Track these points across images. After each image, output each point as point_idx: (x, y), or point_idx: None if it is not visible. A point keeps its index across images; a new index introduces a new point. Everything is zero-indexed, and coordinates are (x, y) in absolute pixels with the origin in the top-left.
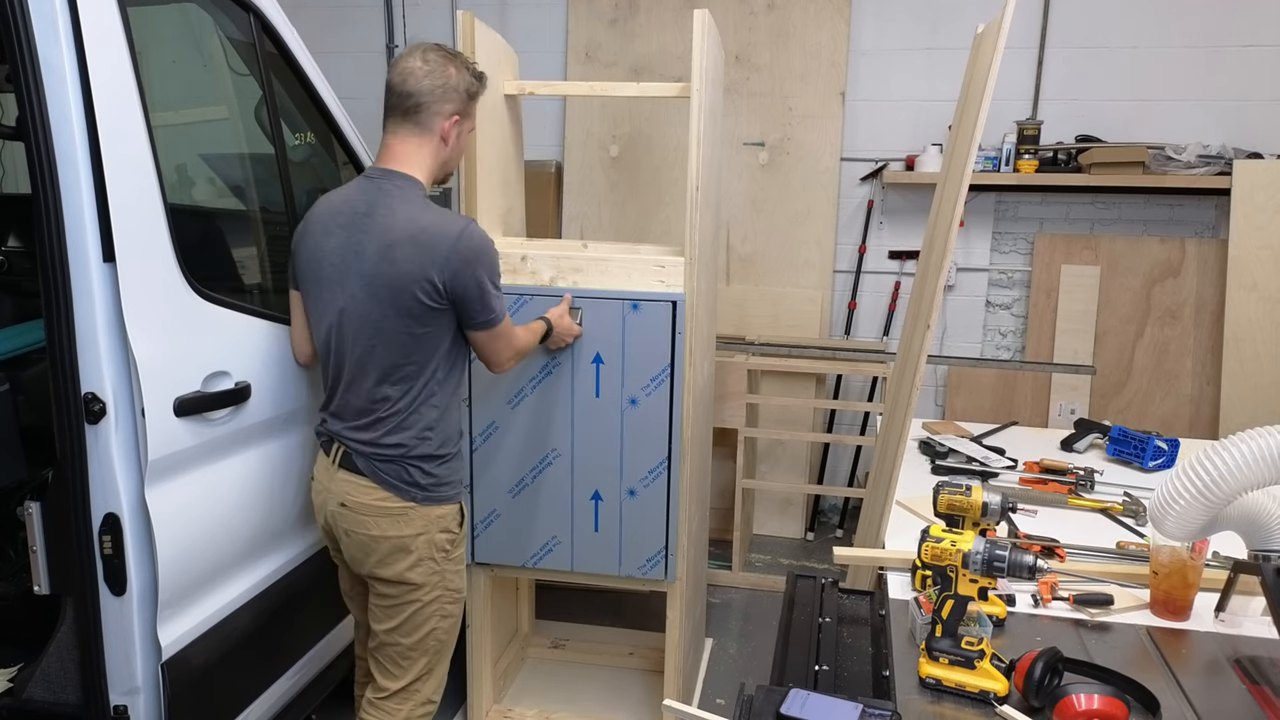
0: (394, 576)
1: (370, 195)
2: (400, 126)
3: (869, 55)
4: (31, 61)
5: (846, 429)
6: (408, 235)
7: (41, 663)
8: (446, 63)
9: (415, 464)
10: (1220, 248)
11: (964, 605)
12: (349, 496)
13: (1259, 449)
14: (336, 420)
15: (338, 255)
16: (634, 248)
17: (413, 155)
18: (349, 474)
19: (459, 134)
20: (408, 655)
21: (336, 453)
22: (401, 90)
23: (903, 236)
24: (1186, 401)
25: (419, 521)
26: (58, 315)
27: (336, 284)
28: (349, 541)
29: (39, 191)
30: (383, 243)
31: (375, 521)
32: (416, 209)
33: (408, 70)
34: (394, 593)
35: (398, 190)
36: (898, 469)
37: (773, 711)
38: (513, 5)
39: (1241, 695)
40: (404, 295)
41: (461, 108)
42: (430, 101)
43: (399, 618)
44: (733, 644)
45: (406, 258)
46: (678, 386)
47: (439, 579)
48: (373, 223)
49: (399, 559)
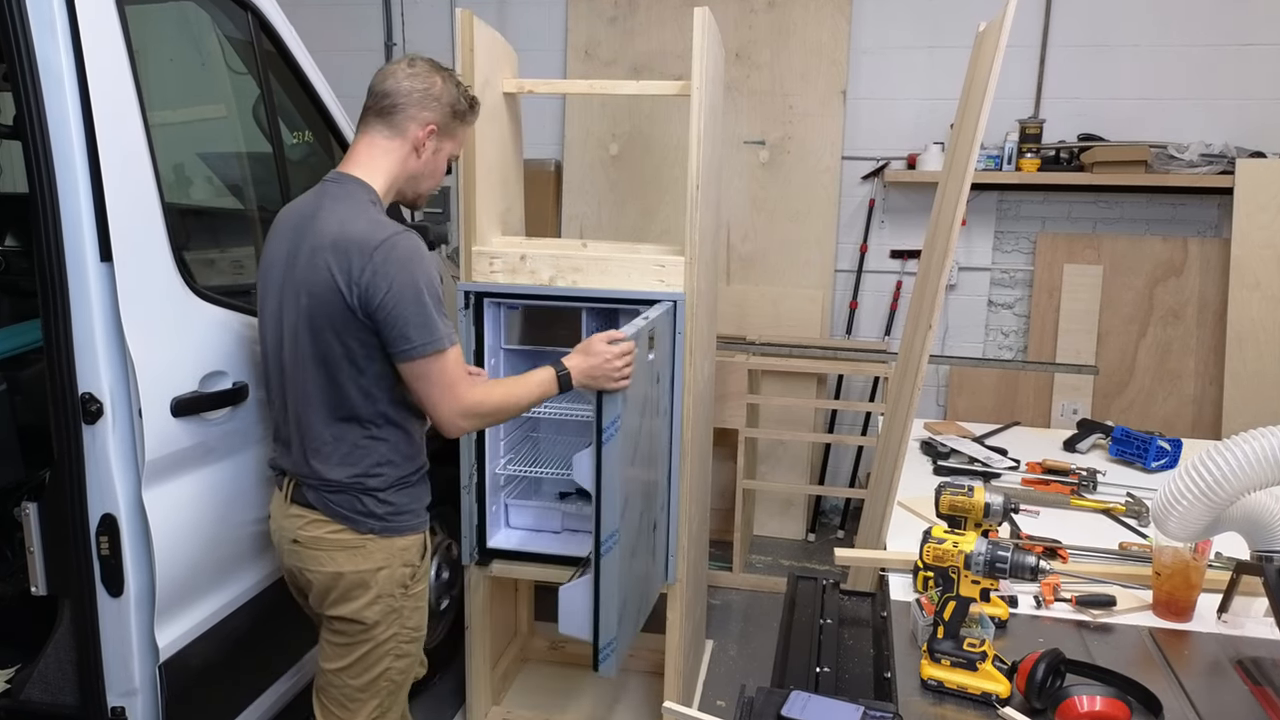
0: (350, 614)
1: (319, 199)
2: (370, 127)
3: (870, 53)
4: (29, 60)
5: (847, 429)
6: (331, 240)
7: (39, 664)
8: (433, 72)
9: (370, 494)
10: (1223, 247)
11: (966, 607)
12: (301, 532)
13: (1262, 449)
14: (284, 450)
15: (281, 265)
16: (634, 247)
17: (376, 159)
18: (300, 508)
19: (435, 150)
20: (356, 698)
21: (288, 486)
22: (379, 90)
23: (904, 236)
24: (1189, 402)
25: (379, 555)
26: (55, 315)
27: (278, 297)
28: (302, 580)
29: (36, 191)
30: (311, 247)
31: (331, 556)
32: (351, 213)
33: (389, 72)
34: (347, 630)
35: (343, 193)
36: (899, 469)
37: (773, 713)
38: (512, 3)
39: (1244, 696)
40: (332, 311)
41: (441, 120)
42: (406, 104)
43: (349, 657)
44: (733, 646)
45: (327, 264)
46: (678, 386)
47: (396, 617)
48: (310, 227)
49: (357, 595)
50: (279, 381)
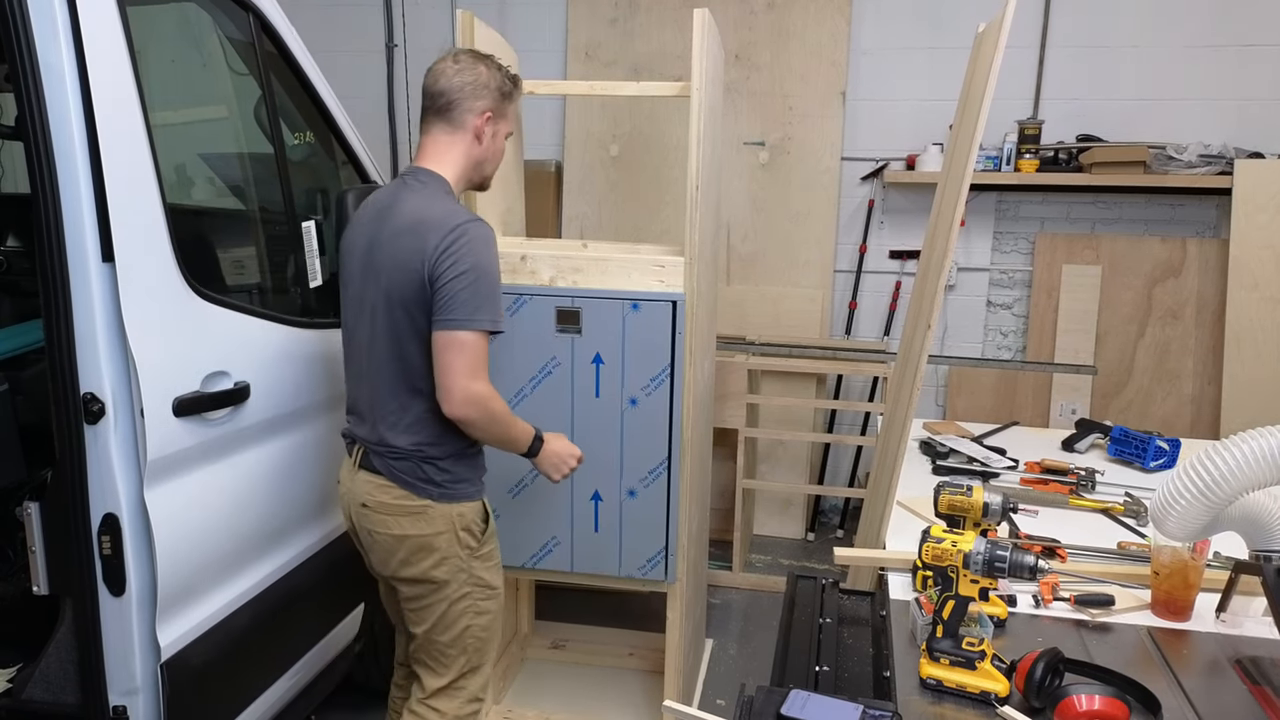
0: (418, 575)
1: (397, 190)
2: (433, 126)
3: (870, 54)
4: (31, 61)
5: (847, 429)
6: (410, 224)
7: (40, 663)
8: (477, 61)
9: (430, 461)
10: (1221, 247)
11: (965, 606)
12: (369, 496)
13: (1260, 449)
14: (356, 420)
15: (362, 251)
16: (634, 247)
17: (443, 153)
18: (369, 474)
19: (494, 133)
20: (446, 653)
21: (357, 453)
22: (433, 90)
23: (903, 236)
24: (1188, 401)
25: (439, 520)
26: (57, 315)
27: (360, 281)
28: (373, 542)
29: (38, 191)
30: (390, 232)
31: (397, 521)
32: (427, 200)
33: (439, 71)
34: (420, 592)
35: (419, 184)
36: (898, 469)
37: (773, 712)
38: (512, 4)
39: (1242, 696)
40: (407, 288)
41: (495, 105)
42: (461, 98)
43: (432, 617)
44: (733, 645)
45: (405, 246)
46: (678, 386)
47: (466, 576)
48: (389, 214)
49: (422, 558)
50: (357, 357)
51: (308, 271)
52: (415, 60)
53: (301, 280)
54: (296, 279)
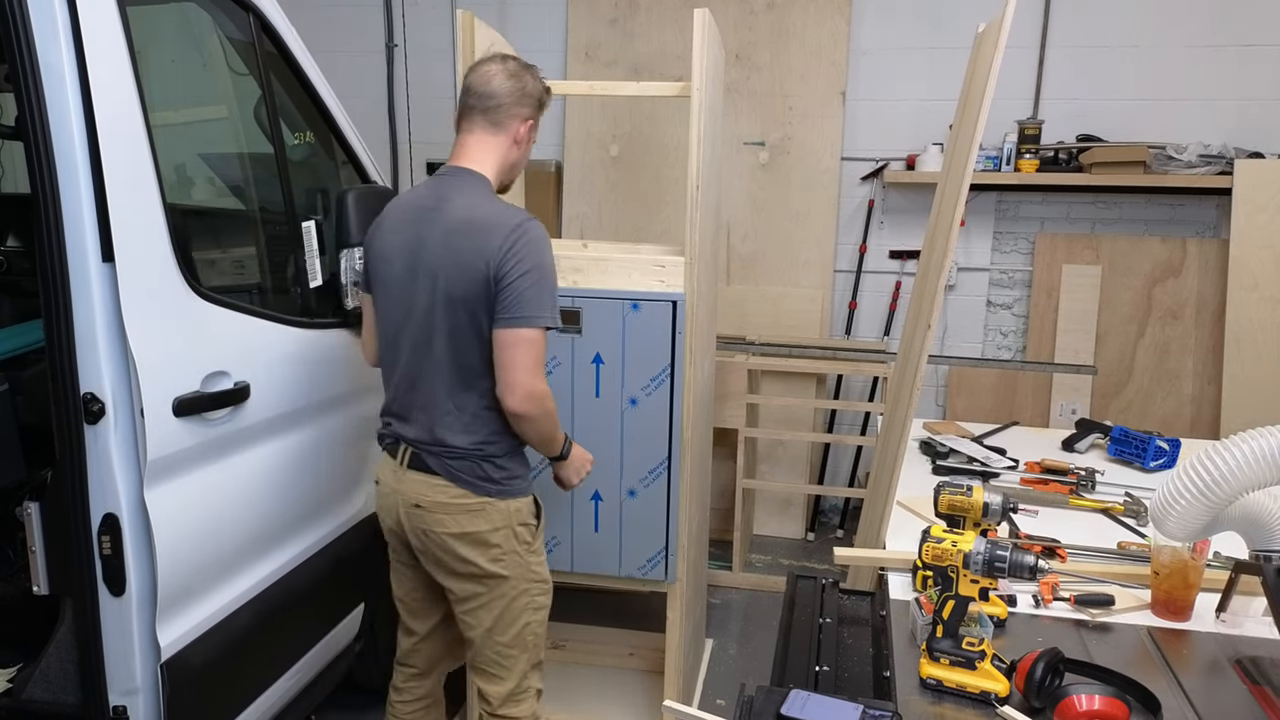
0: (477, 572)
1: (439, 190)
2: (476, 125)
3: (869, 54)
4: (31, 61)
5: (847, 429)
6: (466, 223)
7: (41, 663)
8: (523, 70)
9: (489, 460)
10: (1221, 247)
11: (965, 606)
12: (423, 496)
13: (1260, 449)
14: (402, 423)
15: (405, 251)
16: (634, 247)
17: (485, 154)
18: (421, 474)
19: (529, 140)
20: (508, 654)
21: (404, 454)
22: (484, 91)
23: (903, 236)
24: (1188, 402)
25: (498, 516)
26: (57, 315)
27: (406, 282)
28: (429, 542)
29: (38, 191)
30: (444, 232)
31: (454, 519)
32: (477, 200)
33: (489, 73)
34: (478, 590)
35: (464, 184)
36: (898, 469)
37: (773, 712)
38: (512, 4)
39: (1242, 696)
40: (470, 287)
41: (534, 114)
42: (510, 104)
43: (490, 617)
44: (733, 645)
45: (464, 247)
46: (678, 386)
47: (524, 570)
48: (437, 215)
49: (480, 554)
50: (402, 358)
51: (308, 271)
52: (415, 60)
53: (301, 280)
54: (296, 279)
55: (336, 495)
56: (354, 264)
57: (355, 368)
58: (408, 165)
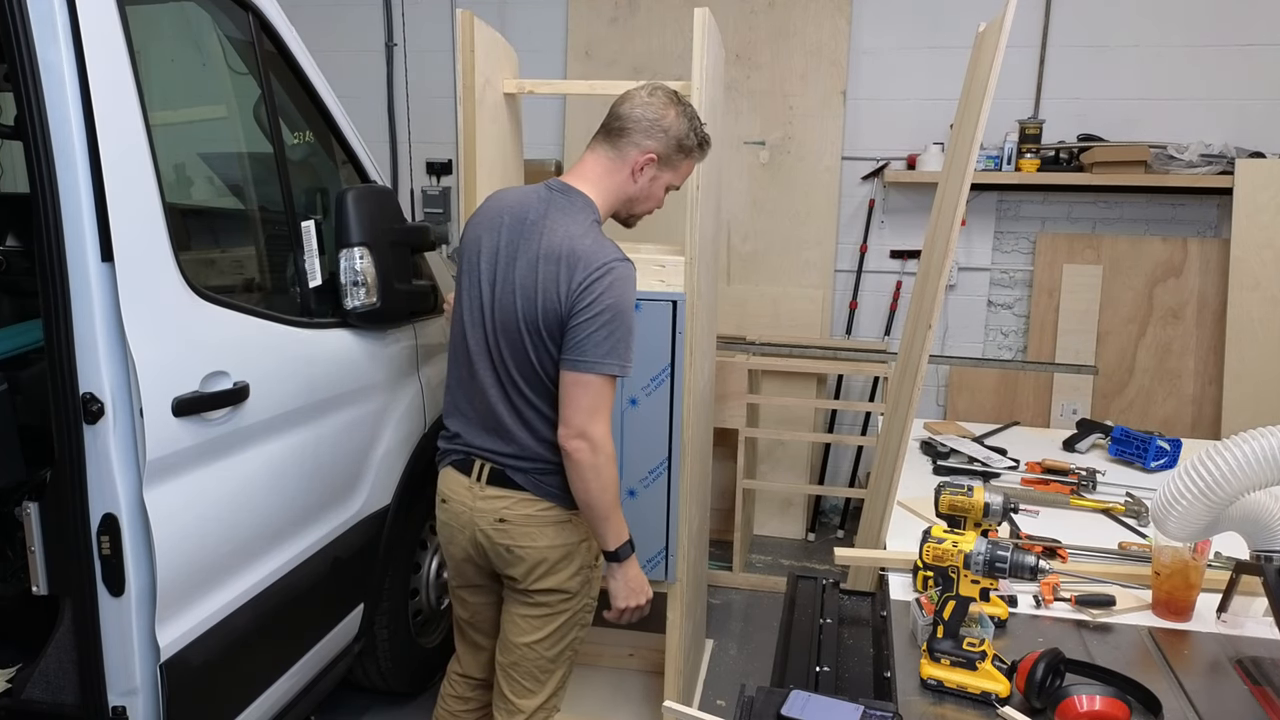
0: (556, 585)
1: (545, 205)
2: (600, 145)
3: (870, 54)
4: (30, 60)
5: (847, 429)
6: (557, 251)
7: (40, 663)
8: (670, 104)
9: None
10: (1222, 247)
11: (965, 606)
12: (508, 511)
13: (1261, 449)
14: (474, 432)
15: (498, 255)
16: (634, 247)
17: (600, 178)
18: (504, 489)
19: (653, 178)
20: (548, 669)
21: (481, 469)
22: (616, 110)
23: (904, 236)
24: (1189, 401)
25: (583, 527)
26: (56, 315)
27: (491, 286)
28: (512, 557)
29: (37, 191)
30: (537, 254)
31: (542, 531)
32: (578, 230)
33: (631, 96)
34: (551, 601)
35: (570, 206)
36: (899, 469)
37: (773, 713)
38: (512, 4)
39: (1243, 696)
40: (545, 315)
41: (663, 151)
42: (634, 130)
43: (548, 628)
44: (733, 645)
45: (551, 274)
46: (678, 386)
47: (588, 587)
48: (537, 232)
49: (563, 566)
50: (482, 371)
51: (307, 271)
52: (415, 60)
53: (301, 280)
54: (296, 279)
55: (336, 495)
56: (354, 264)
57: (355, 368)
58: (407, 165)
